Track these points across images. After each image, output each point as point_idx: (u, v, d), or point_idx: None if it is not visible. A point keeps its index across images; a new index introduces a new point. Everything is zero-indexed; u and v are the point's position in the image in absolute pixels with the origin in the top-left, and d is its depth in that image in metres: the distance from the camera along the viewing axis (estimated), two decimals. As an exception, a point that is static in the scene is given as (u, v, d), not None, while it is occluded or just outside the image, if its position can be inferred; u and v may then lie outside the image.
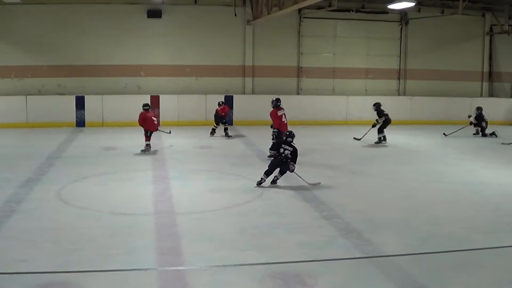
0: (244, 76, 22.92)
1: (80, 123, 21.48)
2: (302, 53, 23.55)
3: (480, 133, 20.42)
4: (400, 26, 24.74)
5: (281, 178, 12.23)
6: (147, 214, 9.97)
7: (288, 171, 12.06)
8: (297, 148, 12.27)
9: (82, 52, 21.97)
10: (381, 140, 18.34)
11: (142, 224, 9.36)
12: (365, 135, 18.46)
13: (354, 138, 18.81)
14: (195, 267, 7.43)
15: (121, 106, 21.38)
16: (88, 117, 21.46)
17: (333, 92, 23.85)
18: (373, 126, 18.43)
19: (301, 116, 21.99)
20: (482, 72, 25.95)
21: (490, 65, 26.04)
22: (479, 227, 9.48)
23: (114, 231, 8.83)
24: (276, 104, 14.99)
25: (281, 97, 20.46)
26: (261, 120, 19.90)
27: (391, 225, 9.57)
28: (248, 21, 22.61)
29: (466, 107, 23.62)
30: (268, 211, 10.24)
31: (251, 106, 21.94)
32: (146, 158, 15.43)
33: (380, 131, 18.33)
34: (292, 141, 12.19)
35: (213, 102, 20.18)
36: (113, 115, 21.51)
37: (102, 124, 21.54)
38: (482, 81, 25.89)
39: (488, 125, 20.60)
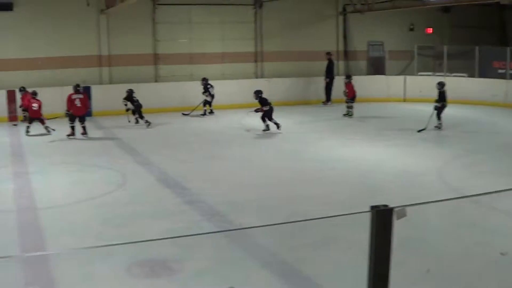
0: (100, 66, 22.51)
1: None
2: (158, 40, 23.43)
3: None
4: (254, 10, 25.12)
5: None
6: (8, 211, 9.73)
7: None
8: None
9: None
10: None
11: (2, 222, 9.13)
12: (427, 125, 17.04)
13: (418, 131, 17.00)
14: (60, 261, 7.37)
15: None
16: None
17: (191, 77, 23.88)
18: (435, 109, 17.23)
19: (159, 103, 21.77)
20: (338, 51, 26.81)
21: (345, 44, 26.99)
22: (337, 203, 9.86)
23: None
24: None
25: (139, 86, 20.50)
26: (121, 110, 19.60)
27: (252, 206, 9.88)
28: (101, 10, 22.23)
29: (323, 86, 24.48)
30: (131, 200, 10.30)
31: (109, 96, 21.50)
32: (3, 155, 14.84)
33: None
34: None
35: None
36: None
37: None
38: (338, 60, 26.66)
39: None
